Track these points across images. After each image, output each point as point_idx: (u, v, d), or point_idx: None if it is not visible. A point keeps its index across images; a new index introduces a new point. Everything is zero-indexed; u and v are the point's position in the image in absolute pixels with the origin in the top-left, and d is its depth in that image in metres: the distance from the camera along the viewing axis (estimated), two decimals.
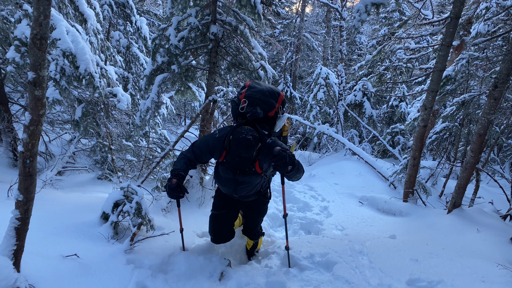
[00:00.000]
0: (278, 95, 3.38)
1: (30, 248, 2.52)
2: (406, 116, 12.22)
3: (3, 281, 2.12)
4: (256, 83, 3.41)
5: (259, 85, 3.38)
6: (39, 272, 2.57)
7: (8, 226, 2.27)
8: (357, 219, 5.42)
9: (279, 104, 3.37)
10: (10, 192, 4.36)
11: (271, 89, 3.35)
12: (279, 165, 2.79)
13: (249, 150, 2.90)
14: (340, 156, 10.46)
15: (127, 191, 3.92)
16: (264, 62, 5.42)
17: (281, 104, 3.39)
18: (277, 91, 3.43)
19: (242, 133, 2.90)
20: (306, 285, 3.32)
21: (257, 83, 3.41)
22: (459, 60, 6.34)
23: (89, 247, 3.33)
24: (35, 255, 2.73)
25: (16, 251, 2.29)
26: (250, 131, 2.94)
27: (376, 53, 9.87)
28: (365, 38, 23.10)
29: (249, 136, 2.89)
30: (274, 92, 3.36)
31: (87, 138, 7.32)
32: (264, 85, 3.38)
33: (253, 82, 3.42)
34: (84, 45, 4.88)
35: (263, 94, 3.26)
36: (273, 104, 3.30)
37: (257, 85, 3.37)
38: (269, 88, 3.36)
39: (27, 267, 2.45)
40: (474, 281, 3.08)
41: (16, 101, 6.98)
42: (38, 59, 2.05)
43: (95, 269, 2.98)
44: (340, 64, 12.83)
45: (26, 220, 2.30)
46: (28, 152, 2.17)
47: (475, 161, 4.93)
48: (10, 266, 2.21)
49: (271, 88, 3.38)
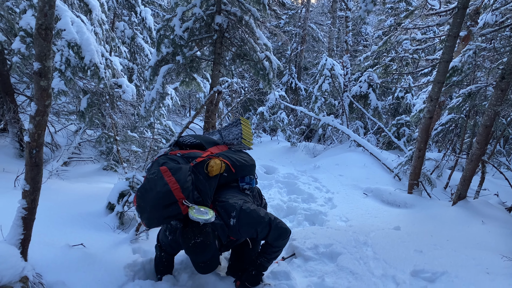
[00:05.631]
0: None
1: (37, 237, 2.55)
2: (411, 107, 12.14)
3: (10, 269, 2.15)
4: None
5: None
6: (46, 261, 2.60)
7: (15, 215, 2.29)
8: (362, 210, 5.42)
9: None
10: (17, 182, 4.40)
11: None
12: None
13: (208, 252, 2.45)
14: (345, 147, 10.43)
15: (133, 182, 3.94)
16: (269, 53, 5.40)
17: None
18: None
19: (189, 238, 2.41)
20: (310, 275, 3.34)
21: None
22: (466, 51, 6.26)
23: (95, 237, 3.36)
24: (42, 244, 2.75)
25: (23, 240, 2.32)
26: (196, 230, 2.43)
27: (382, 44, 9.79)
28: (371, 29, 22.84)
29: (198, 239, 2.40)
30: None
31: (93, 129, 7.35)
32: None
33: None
34: (89, 36, 4.87)
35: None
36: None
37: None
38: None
39: (34, 256, 2.48)
40: (478, 272, 3.08)
41: (22, 92, 7.02)
42: (43, 49, 2.05)
43: (101, 258, 3.00)
44: (346, 55, 12.75)
45: (33, 209, 2.32)
46: (34, 142, 2.18)
47: (481, 153, 4.90)
48: (17, 255, 2.23)
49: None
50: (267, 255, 2.93)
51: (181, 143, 3.23)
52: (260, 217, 2.67)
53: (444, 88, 6.27)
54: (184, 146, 3.22)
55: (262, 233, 2.70)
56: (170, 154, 2.96)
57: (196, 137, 3.24)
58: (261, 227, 2.67)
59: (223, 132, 3.57)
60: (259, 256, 2.96)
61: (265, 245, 2.94)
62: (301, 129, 14.81)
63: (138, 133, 7.12)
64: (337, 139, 12.36)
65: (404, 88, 12.20)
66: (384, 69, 10.80)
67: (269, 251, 2.92)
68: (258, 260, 2.95)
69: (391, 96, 13.35)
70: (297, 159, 10.28)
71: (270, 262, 3.01)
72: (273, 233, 2.71)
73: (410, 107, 12.21)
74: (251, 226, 2.65)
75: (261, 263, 2.95)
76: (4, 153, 6.12)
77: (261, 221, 2.67)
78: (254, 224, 2.65)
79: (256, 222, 2.65)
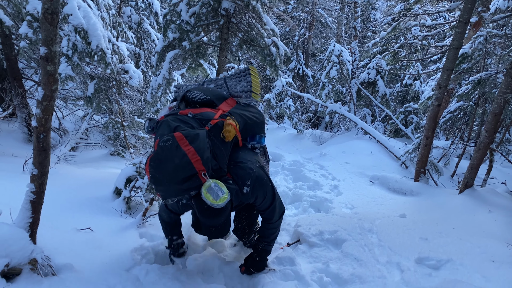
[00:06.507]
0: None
1: (46, 221, 2.59)
2: (420, 95, 12.00)
3: (20, 251, 2.19)
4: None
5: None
6: (55, 244, 2.65)
7: (24, 199, 2.32)
8: (367, 198, 5.42)
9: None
10: (25, 167, 4.45)
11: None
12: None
13: (221, 217, 2.37)
14: (351, 135, 10.38)
15: (140, 167, 3.97)
16: (276, 39, 5.35)
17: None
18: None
19: (204, 201, 2.27)
20: (315, 261, 3.36)
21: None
22: (477, 38, 6.15)
23: (103, 221, 3.41)
24: (51, 228, 2.80)
25: (32, 224, 2.35)
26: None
27: (391, 30, 9.64)
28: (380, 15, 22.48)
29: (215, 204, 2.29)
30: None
31: (100, 115, 7.39)
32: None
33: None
34: (95, 21, 4.86)
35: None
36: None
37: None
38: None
39: (42, 239, 2.52)
40: (483, 260, 3.08)
41: (29, 77, 7.05)
42: (49, 34, 2.05)
43: (108, 242, 3.05)
44: (354, 41, 12.59)
45: (41, 193, 2.35)
46: (41, 127, 2.20)
47: (490, 141, 4.85)
48: (26, 237, 2.27)
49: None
50: (266, 239, 2.98)
51: (189, 99, 3.00)
52: (270, 187, 2.74)
53: (453, 75, 6.19)
54: (193, 103, 3.00)
55: (265, 203, 2.75)
56: (180, 114, 2.72)
57: (205, 92, 2.98)
58: (268, 197, 2.72)
59: (229, 81, 3.31)
60: (259, 242, 3.00)
61: (262, 228, 2.98)
62: (308, 117, 14.73)
63: (145, 119, 7.13)
64: (344, 127, 12.30)
65: (413, 75, 12.05)
66: (393, 56, 10.65)
67: (266, 233, 2.96)
68: (260, 246, 2.99)
69: (399, 83, 13.20)
70: (303, 146, 10.26)
71: (271, 245, 3.05)
72: (274, 206, 2.79)
73: (419, 95, 12.07)
74: (262, 195, 2.69)
75: (263, 248, 2.98)
76: (13, 137, 6.19)
77: (270, 192, 2.73)
78: (264, 192, 2.69)
79: (266, 191, 2.70)
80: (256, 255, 3.00)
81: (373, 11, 22.44)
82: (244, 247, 3.66)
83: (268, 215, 2.85)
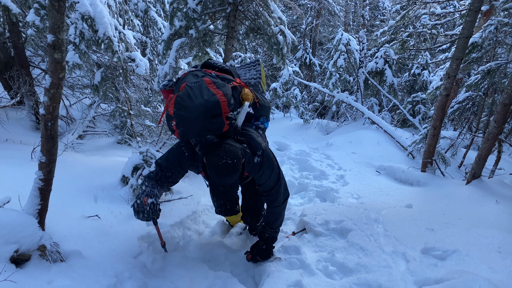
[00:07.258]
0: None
1: (54, 208, 2.61)
2: (428, 84, 11.89)
3: (29, 237, 2.22)
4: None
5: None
6: (63, 231, 2.67)
7: (32, 186, 2.34)
8: (374, 188, 5.41)
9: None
10: (33, 154, 4.48)
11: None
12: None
13: (233, 176, 2.35)
14: (358, 125, 10.32)
15: (146, 156, 3.98)
16: (283, 27, 5.30)
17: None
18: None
19: (221, 156, 2.29)
20: (321, 251, 3.38)
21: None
22: (487, 26, 6.04)
23: (110, 209, 3.44)
24: (59, 215, 2.83)
25: (40, 210, 2.38)
26: (229, 152, 2.33)
27: (400, 19, 9.51)
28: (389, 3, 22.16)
29: (229, 160, 2.29)
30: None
31: (107, 103, 7.40)
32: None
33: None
34: (102, 8, 4.83)
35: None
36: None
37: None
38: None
39: (51, 226, 2.55)
40: (490, 251, 3.07)
41: (37, 65, 7.07)
42: (56, 21, 2.04)
43: (115, 229, 3.08)
44: (362, 30, 12.44)
45: (49, 181, 2.37)
46: (49, 115, 2.21)
47: (498, 132, 4.80)
48: (35, 224, 2.30)
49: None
50: (271, 225, 3.01)
51: (210, 64, 3.03)
52: (276, 166, 2.77)
53: (462, 65, 6.11)
54: (213, 68, 2.99)
55: (270, 182, 2.77)
56: (205, 71, 2.76)
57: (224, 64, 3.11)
58: (273, 176, 2.75)
59: (239, 70, 3.40)
60: (265, 229, 3.02)
61: (267, 214, 3.01)
62: (315, 106, 14.66)
63: (152, 107, 7.14)
64: (351, 116, 12.23)
65: (421, 65, 11.91)
66: (401, 45, 10.51)
67: (272, 218, 2.99)
68: (266, 233, 3.01)
69: (407, 72, 13.07)
70: (309, 136, 10.24)
71: (277, 232, 3.08)
72: (279, 187, 2.82)
73: (427, 84, 11.96)
74: (269, 169, 2.71)
75: (269, 235, 3.01)
76: (21, 125, 6.23)
77: (276, 170, 2.77)
78: (271, 169, 2.71)
79: (273, 168, 2.73)
80: (263, 242, 3.02)
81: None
82: (250, 236, 3.69)
83: (272, 197, 2.86)
